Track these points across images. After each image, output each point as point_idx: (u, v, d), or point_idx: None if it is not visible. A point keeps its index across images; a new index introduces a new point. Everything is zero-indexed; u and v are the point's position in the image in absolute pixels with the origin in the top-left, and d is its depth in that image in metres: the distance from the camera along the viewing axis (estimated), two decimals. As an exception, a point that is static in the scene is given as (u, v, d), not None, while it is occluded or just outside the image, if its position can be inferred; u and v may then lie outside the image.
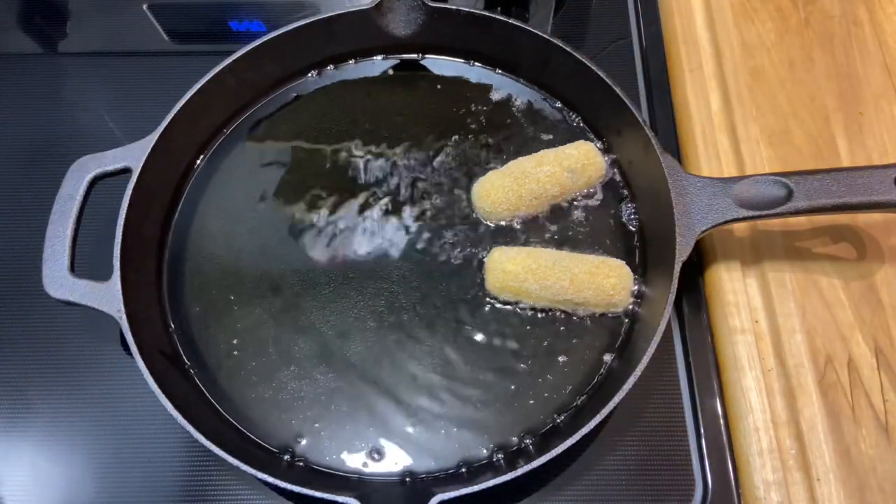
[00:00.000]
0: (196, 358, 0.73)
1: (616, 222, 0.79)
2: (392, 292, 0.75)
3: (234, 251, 0.78)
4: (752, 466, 0.69)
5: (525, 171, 0.77)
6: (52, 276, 0.68)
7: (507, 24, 0.81)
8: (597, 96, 0.80)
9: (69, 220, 0.70)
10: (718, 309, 0.76)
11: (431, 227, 0.79)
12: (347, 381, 0.71)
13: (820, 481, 0.68)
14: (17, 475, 0.71)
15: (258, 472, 0.61)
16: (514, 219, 0.79)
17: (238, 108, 0.85)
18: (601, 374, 0.72)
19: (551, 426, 0.69)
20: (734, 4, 0.93)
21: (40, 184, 0.79)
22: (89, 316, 0.68)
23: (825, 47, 0.90)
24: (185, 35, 0.98)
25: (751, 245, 0.78)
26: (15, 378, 0.75)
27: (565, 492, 0.70)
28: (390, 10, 0.84)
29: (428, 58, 0.88)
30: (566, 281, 0.71)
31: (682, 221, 0.70)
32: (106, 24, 0.97)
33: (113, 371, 0.75)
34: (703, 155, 0.84)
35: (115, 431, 0.73)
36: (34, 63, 0.95)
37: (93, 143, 0.78)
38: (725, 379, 0.74)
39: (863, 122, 0.85)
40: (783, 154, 0.83)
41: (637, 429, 0.72)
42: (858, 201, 0.68)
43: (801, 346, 0.73)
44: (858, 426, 0.70)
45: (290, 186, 0.81)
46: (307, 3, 0.99)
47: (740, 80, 0.88)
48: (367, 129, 0.84)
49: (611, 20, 0.97)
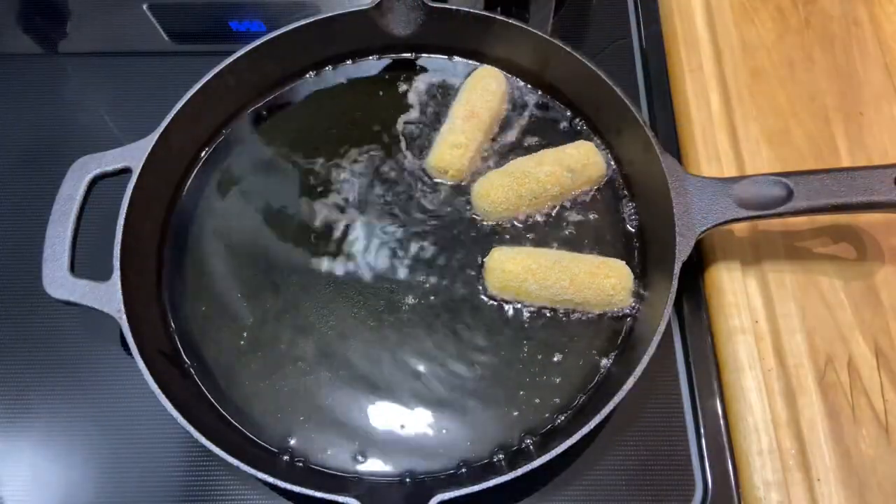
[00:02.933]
0: (196, 358, 0.73)
1: (616, 222, 0.79)
2: (392, 292, 0.75)
3: (234, 251, 0.78)
4: (752, 466, 0.69)
5: (525, 170, 0.77)
6: (52, 276, 0.68)
7: (507, 24, 0.81)
8: (597, 96, 0.80)
9: (69, 221, 0.71)
10: (718, 309, 0.76)
11: (431, 227, 0.79)
12: (347, 381, 0.71)
13: (820, 481, 0.68)
14: (17, 475, 0.71)
15: (258, 472, 0.61)
16: (514, 218, 0.79)
17: (238, 108, 0.85)
18: (601, 374, 0.72)
19: (551, 426, 0.69)
20: (734, 4, 0.93)
21: (40, 184, 0.79)
22: (89, 316, 0.68)
23: (825, 47, 0.90)
24: (185, 35, 0.98)
25: (751, 245, 0.78)
26: (15, 378, 0.75)
27: (565, 492, 0.70)
28: (390, 10, 0.84)
29: (427, 58, 0.88)
30: (566, 281, 0.71)
31: (682, 221, 0.70)
32: (106, 24, 0.97)
33: (113, 371, 0.75)
34: (703, 155, 0.84)
35: (114, 431, 0.73)
36: (34, 63, 0.95)
37: (93, 143, 0.77)
38: (725, 379, 0.74)
39: (863, 123, 0.85)
40: (783, 154, 0.83)
41: (637, 429, 0.72)
42: (858, 201, 0.68)
43: (801, 346, 0.73)
44: (858, 426, 0.70)
45: (289, 186, 0.81)
46: (307, 3, 0.99)
47: (740, 80, 0.88)
48: (366, 128, 0.84)
49: (611, 20, 0.97)
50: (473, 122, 0.80)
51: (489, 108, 0.81)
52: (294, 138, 0.84)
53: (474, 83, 0.83)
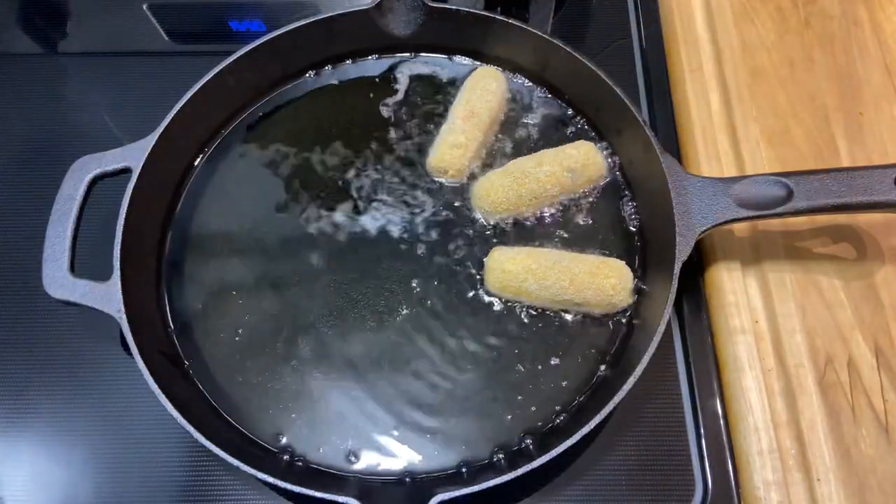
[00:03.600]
0: (196, 358, 0.73)
1: (616, 222, 0.79)
2: (392, 292, 0.75)
3: (234, 251, 0.78)
4: (752, 466, 0.69)
5: (525, 170, 0.77)
6: (52, 276, 0.68)
7: (507, 23, 0.81)
8: (597, 96, 0.80)
9: (69, 221, 0.71)
10: (718, 309, 0.76)
11: (431, 227, 0.79)
12: (347, 381, 0.71)
13: (820, 481, 0.68)
14: (17, 475, 0.71)
15: (258, 472, 0.61)
16: (514, 218, 0.79)
17: (238, 107, 0.85)
18: (601, 374, 0.72)
19: (551, 426, 0.69)
20: (734, 4, 0.93)
21: (40, 184, 0.79)
22: (89, 316, 0.68)
23: (825, 47, 0.90)
24: (185, 35, 0.98)
25: (751, 245, 0.78)
26: (15, 378, 0.75)
27: (565, 492, 0.70)
28: (390, 10, 0.84)
29: (427, 58, 0.88)
30: (566, 281, 0.71)
31: (682, 221, 0.70)
32: (106, 24, 0.97)
33: (113, 371, 0.75)
34: (703, 155, 0.84)
35: (115, 431, 0.73)
36: (34, 63, 0.95)
37: (93, 143, 0.78)
38: (725, 379, 0.74)
39: (863, 122, 0.85)
40: (783, 154, 0.83)
41: (637, 429, 0.72)
42: (858, 201, 0.68)
43: (802, 346, 0.73)
44: (858, 426, 0.70)
45: (289, 186, 0.81)
46: (307, 3, 0.99)
47: (740, 80, 0.88)
48: (366, 129, 0.84)
49: (611, 20, 0.97)
50: (473, 122, 0.80)
51: (489, 108, 0.81)
52: (294, 138, 0.83)
53: (474, 83, 0.83)
